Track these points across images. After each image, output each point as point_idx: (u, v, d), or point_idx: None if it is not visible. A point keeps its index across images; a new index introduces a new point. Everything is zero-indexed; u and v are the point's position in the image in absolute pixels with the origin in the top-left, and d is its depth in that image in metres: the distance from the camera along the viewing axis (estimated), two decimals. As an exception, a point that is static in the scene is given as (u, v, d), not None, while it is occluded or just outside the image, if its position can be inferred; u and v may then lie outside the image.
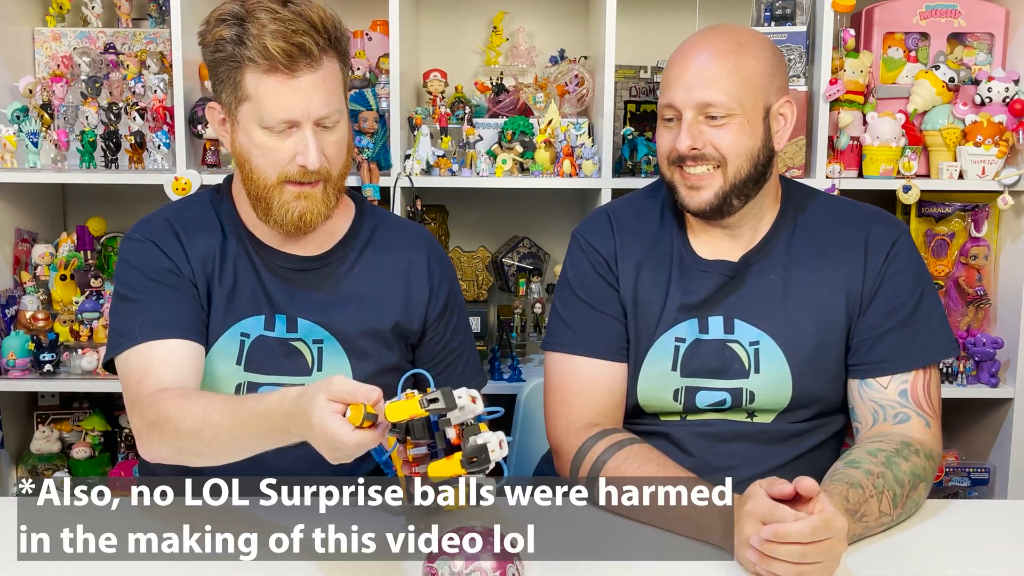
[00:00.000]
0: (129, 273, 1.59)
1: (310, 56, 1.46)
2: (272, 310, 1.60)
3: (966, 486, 2.63)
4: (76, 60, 2.69)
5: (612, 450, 1.48)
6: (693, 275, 1.62)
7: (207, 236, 1.61)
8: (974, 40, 2.60)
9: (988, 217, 2.60)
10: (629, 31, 2.61)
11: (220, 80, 1.51)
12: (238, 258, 1.61)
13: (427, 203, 2.61)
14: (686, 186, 1.57)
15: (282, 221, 1.54)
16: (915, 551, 1.37)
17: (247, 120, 1.50)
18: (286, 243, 1.62)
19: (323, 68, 1.48)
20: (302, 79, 1.46)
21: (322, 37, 1.47)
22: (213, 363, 1.58)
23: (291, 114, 1.47)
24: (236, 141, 1.54)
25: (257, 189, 1.53)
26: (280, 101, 1.47)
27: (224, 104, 1.53)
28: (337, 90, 1.51)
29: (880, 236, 1.61)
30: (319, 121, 1.49)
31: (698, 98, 1.53)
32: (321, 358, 1.60)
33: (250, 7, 1.46)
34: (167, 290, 1.56)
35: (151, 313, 1.54)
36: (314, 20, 1.46)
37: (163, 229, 1.60)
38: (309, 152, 1.48)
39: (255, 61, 1.45)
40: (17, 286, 2.65)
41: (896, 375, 1.57)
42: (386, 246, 1.67)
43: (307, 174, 1.51)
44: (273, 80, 1.46)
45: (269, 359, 1.59)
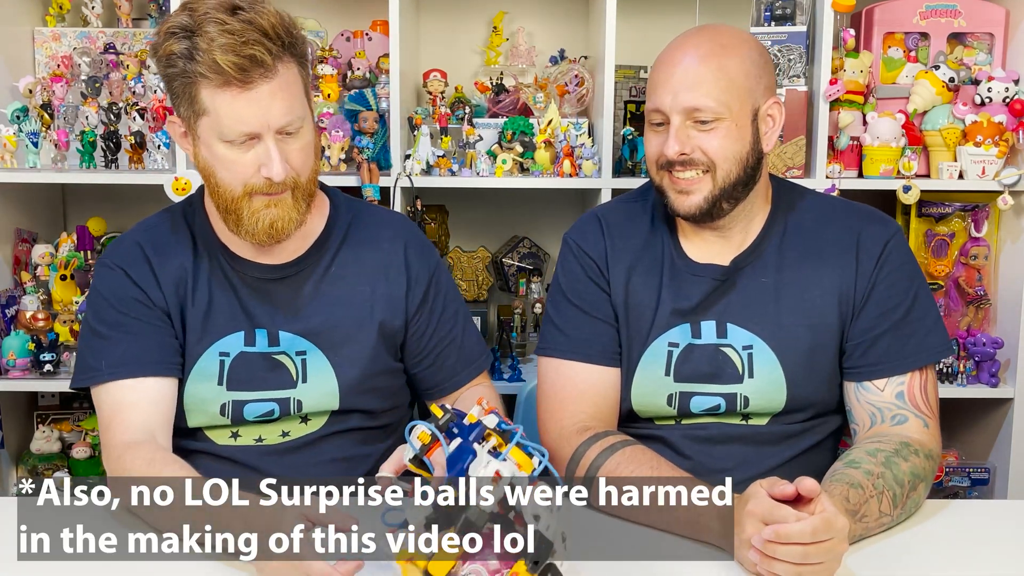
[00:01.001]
0: (99, 303, 1.57)
1: (263, 66, 1.41)
2: (252, 325, 1.58)
3: (966, 486, 2.63)
4: (76, 60, 2.69)
5: (606, 454, 1.48)
6: (685, 279, 1.61)
7: (179, 256, 1.58)
8: (974, 40, 2.60)
9: (988, 217, 2.60)
10: (629, 31, 2.61)
11: (176, 95, 1.47)
12: (212, 275, 1.59)
13: (427, 203, 2.61)
14: (675, 190, 1.56)
15: (253, 231, 1.50)
16: (915, 551, 1.37)
17: (207, 134, 1.46)
18: (260, 253, 1.59)
19: (279, 76, 1.43)
20: (258, 90, 1.42)
21: (275, 44, 1.42)
22: (194, 386, 1.56)
23: (250, 127, 1.43)
24: (199, 155, 1.50)
25: (225, 202, 1.50)
26: (238, 114, 1.42)
27: (183, 118, 1.49)
28: (297, 95, 1.47)
29: (872, 236, 1.60)
30: (281, 130, 1.45)
31: (685, 103, 1.52)
32: (305, 370, 1.58)
33: (198, 19, 1.41)
34: (136, 323, 1.54)
35: (119, 351, 1.53)
36: (265, 27, 1.41)
37: (133, 254, 1.58)
38: (273, 164, 1.45)
39: (207, 76, 1.41)
40: (17, 286, 2.65)
41: (892, 377, 1.56)
42: (363, 242, 1.64)
43: (273, 185, 1.47)
44: (228, 94, 1.42)
45: (252, 375, 1.57)
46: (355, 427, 1.63)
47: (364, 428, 1.64)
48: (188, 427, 1.58)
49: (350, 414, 1.61)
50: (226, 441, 1.59)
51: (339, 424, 1.61)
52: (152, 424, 1.50)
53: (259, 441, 1.59)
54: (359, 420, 1.63)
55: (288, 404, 1.57)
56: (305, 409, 1.58)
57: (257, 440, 1.59)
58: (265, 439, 1.59)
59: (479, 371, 1.73)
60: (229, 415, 1.57)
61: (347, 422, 1.62)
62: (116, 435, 1.48)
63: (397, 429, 1.72)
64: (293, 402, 1.57)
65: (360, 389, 1.60)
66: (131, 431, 1.48)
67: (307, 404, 1.58)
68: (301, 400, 1.58)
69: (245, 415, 1.57)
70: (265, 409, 1.57)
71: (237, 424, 1.58)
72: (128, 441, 1.47)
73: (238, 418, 1.57)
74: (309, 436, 1.60)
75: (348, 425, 1.62)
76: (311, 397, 1.58)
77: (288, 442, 1.60)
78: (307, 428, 1.60)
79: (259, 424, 1.59)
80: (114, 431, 1.49)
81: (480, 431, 1.17)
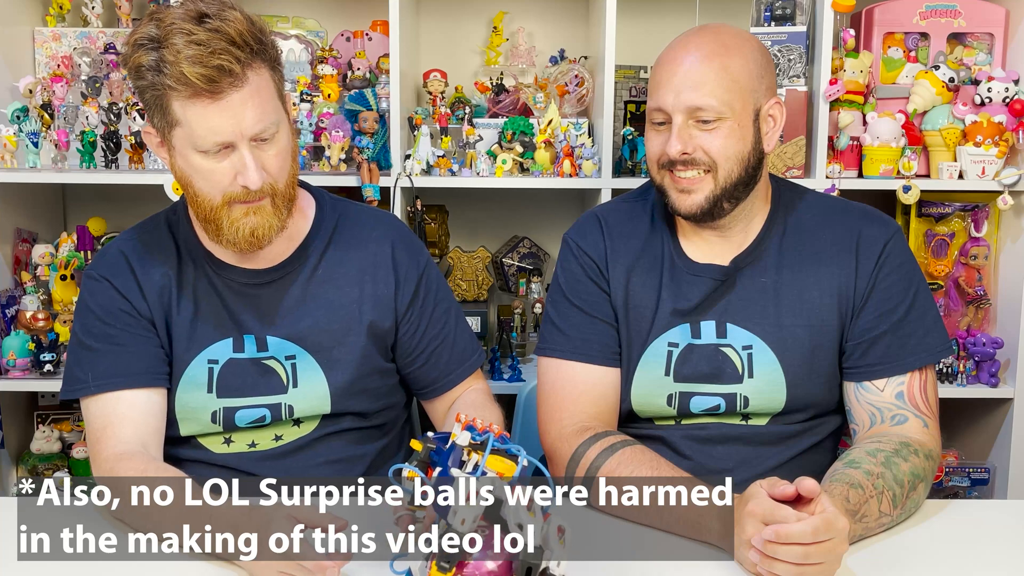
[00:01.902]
0: (86, 316, 1.57)
1: (232, 75, 1.39)
2: (240, 331, 1.57)
3: (966, 486, 2.63)
4: (76, 60, 2.69)
5: (606, 455, 1.48)
6: (684, 279, 1.61)
7: (163, 265, 1.58)
8: (974, 40, 2.60)
9: (988, 217, 2.60)
10: (629, 31, 2.61)
11: (148, 106, 1.46)
12: (198, 282, 1.58)
13: (427, 203, 2.61)
14: (677, 190, 1.56)
15: (234, 239, 1.49)
16: (915, 551, 1.37)
17: (182, 145, 1.45)
18: (245, 258, 1.58)
19: (249, 83, 1.41)
20: (228, 99, 1.40)
21: (243, 51, 1.40)
22: (184, 394, 1.56)
23: (223, 136, 1.42)
24: (176, 165, 1.49)
25: (204, 212, 1.48)
26: (209, 125, 1.41)
27: (157, 129, 1.48)
28: (269, 101, 1.45)
29: (871, 237, 1.60)
30: (255, 136, 1.44)
31: (688, 102, 1.52)
32: (295, 375, 1.57)
33: (165, 30, 1.39)
34: (123, 334, 1.54)
35: (105, 362, 1.53)
36: (232, 35, 1.39)
37: (117, 264, 1.58)
38: (248, 172, 1.43)
39: (176, 88, 1.39)
40: (17, 286, 2.65)
41: (892, 377, 1.57)
42: (349, 242, 1.63)
43: (251, 193, 1.46)
44: (199, 105, 1.40)
45: (242, 382, 1.56)
46: (348, 428, 1.62)
47: (358, 429, 1.63)
48: (181, 435, 1.58)
49: (342, 416, 1.61)
50: (220, 448, 1.59)
51: (332, 426, 1.61)
52: (143, 436, 1.50)
53: (252, 447, 1.59)
54: (352, 422, 1.62)
55: (279, 409, 1.57)
56: (297, 414, 1.58)
57: (250, 445, 1.59)
58: (258, 444, 1.59)
59: (473, 368, 1.72)
60: (220, 422, 1.56)
61: (340, 424, 1.61)
62: (107, 447, 1.48)
63: (392, 428, 1.71)
64: (284, 407, 1.57)
65: (351, 391, 1.60)
66: (122, 443, 1.48)
67: (298, 409, 1.58)
68: (292, 405, 1.57)
69: (236, 422, 1.57)
70: (256, 415, 1.57)
71: (229, 431, 1.58)
72: (120, 452, 1.46)
73: (230, 425, 1.57)
74: (302, 440, 1.60)
75: (341, 427, 1.62)
76: (302, 402, 1.58)
77: (281, 446, 1.59)
78: (300, 432, 1.60)
79: (252, 430, 1.59)
80: (104, 443, 1.49)
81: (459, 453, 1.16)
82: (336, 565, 1.19)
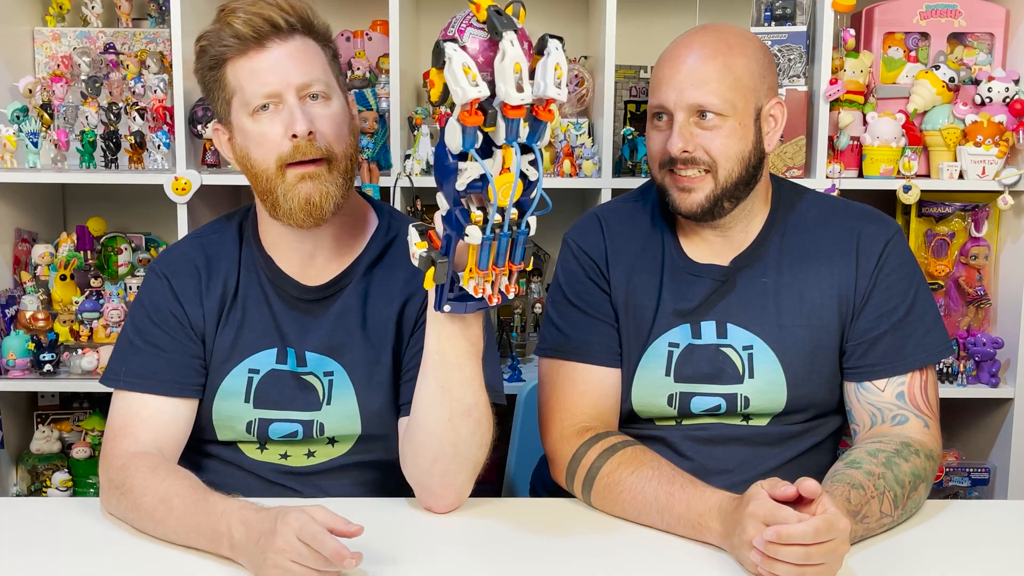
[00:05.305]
0: (138, 309, 1.57)
1: (278, 29, 1.46)
2: (284, 343, 1.56)
3: (966, 486, 2.63)
4: (76, 60, 2.69)
5: (605, 456, 1.48)
6: (685, 279, 1.61)
7: (226, 272, 1.58)
8: (974, 40, 2.60)
9: (988, 217, 2.60)
10: (629, 31, 2.61)
11: (210, 89, 1.51)
12: (250, 290, 1.57)
13: (427, 203, 2.61)
14: (677, 188, 1.56)
15: (290, 209, 1.48)
16: (915, 551, 1.37)
17: (238, 116, 1.49)
18: (304, 272, 1.57)
19: (295, 41, 1.48)
20: (274, 51, 1.46)
21: (291, 16, 1.47)
22: (221, 403, 1.54)
23: (269, 86, 1.45)
24: (236, 147, 1.52)
25: (261, 184, 1.49)
26: (257, 77, 1.46)
27: (219, 115, 1.52)
28: (317, 63, 1.50)
29: (872, 237, 1.60)
30: (303, 90, 1.47)
31: (690, 100, 1.52)
32: (331, 392, 1.54)
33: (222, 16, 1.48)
34: (165, 338, 1.54)
35: (141, 362, 1.52)
36: (281, 3, 1.47)
37: (184, 265, 1.58)
38: (296, 119, 1.45)
39: (229, 47, 1.46)
40: (17, 286, 2.65)
41: (893, 377, 1.56)
42: (395, 261, 1.60)
43: (303, 149, 1.46)
44: (247, 60, 1.46)
45: (281, 394, 1.55)
46: (382, 459, 1.56)
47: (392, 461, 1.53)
48: (219, 440, 1.57)
49: (376, 441, 1.56)
50: (254, 454, 1.56)
51: (365, 454, 1.56)
52: (162, 442, 1.49)
53: (284, 457, 1.56)
54: (385, 451, 1.56)
55: (311, 427, 1.54)
56: (328, 432, 1.55)
57: (283, 456, 1.56)
58: (291, 456, 1.56)
59: None
60: (255, 433, 1.55)
61: (373, 452, 1.57)
62: (123, 445, 1.47)
63: None
64: (316, 424, 1.54)
65: (384, 414, 1.55)
66: (138, 444, 1.48)
67: (329, 427, 1.54)
68: (323, 423, 1.54)
69: (270, 434, 1.54)
70: (289, 430, 1.54)
71: (263, 442, 1.56)
72: (135, 451, 1.46)
73: (263, 436, 1.55)
74: (335, 461, 1.56)
75: (374, 456, 1.57)
76: (333, 420, 1.54)
77: (314, 465, 1.56)
78: (333, 452, 1.57)
79: (284, 443, 1.56)
80: (121, 440, 1.48)
81: None
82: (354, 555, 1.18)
